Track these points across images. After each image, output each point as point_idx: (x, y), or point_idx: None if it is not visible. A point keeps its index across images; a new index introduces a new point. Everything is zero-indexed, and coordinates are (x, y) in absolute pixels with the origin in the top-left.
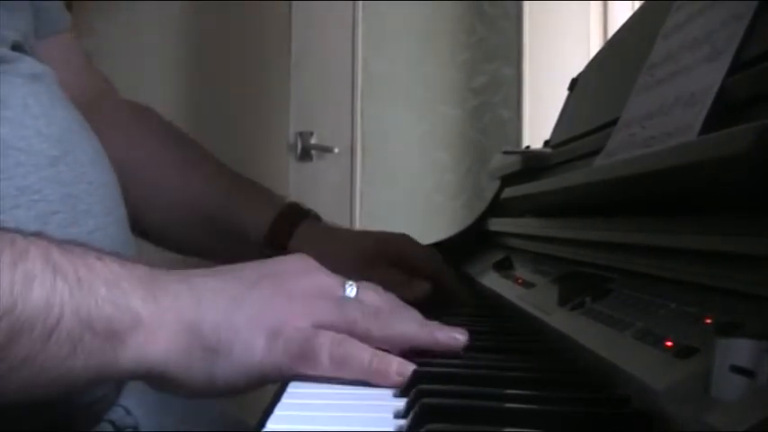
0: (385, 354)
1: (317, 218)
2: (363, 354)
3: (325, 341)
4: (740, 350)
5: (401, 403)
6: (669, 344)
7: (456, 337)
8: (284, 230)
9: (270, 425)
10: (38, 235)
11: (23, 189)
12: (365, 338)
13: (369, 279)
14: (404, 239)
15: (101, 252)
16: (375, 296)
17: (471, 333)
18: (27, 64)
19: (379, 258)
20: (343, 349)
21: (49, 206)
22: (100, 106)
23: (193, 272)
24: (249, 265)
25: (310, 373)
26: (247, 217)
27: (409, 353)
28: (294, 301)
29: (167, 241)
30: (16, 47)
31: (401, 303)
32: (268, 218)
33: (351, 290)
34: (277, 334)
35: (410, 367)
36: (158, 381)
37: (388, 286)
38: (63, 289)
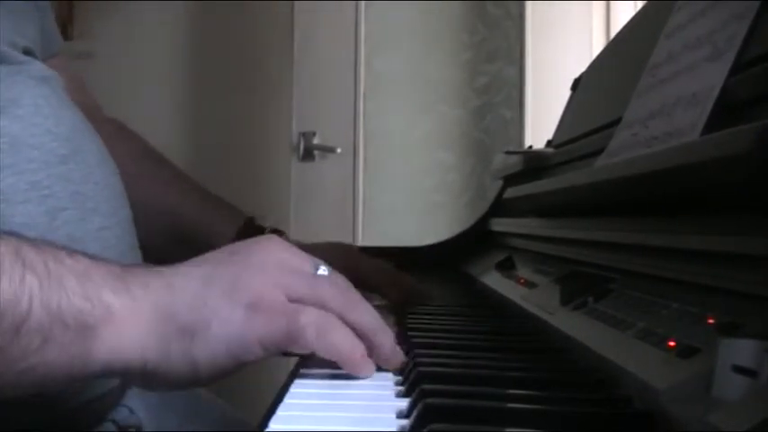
0: (360, 345)
1: (277, 232)
2: (345, 339)
3: (310, 319)
4: (743, 350)
5: (404, 403)
6: (671, 344)
7: (399, 353)
8: None
9: (272, 425)
10: (9, 233)
11: (34, 184)
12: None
13: None
14: (352, 253)
15: (72, 250)
16: (346, 282)
17: (473, 333)
18: (37, 67)
19: None
20: (329, 329)
21: (59, 202)
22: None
23: (164, 266)
24: (218, 249)
25: (295, 350)
26: (215, 232)
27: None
28: (265, 273)
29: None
30: (26, 52)
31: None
32: (231, 232)
33: (323, 270)
34: (255, 307)
35: (373, 367)
36: (139, 376)
37: None
38: (32, 282)
